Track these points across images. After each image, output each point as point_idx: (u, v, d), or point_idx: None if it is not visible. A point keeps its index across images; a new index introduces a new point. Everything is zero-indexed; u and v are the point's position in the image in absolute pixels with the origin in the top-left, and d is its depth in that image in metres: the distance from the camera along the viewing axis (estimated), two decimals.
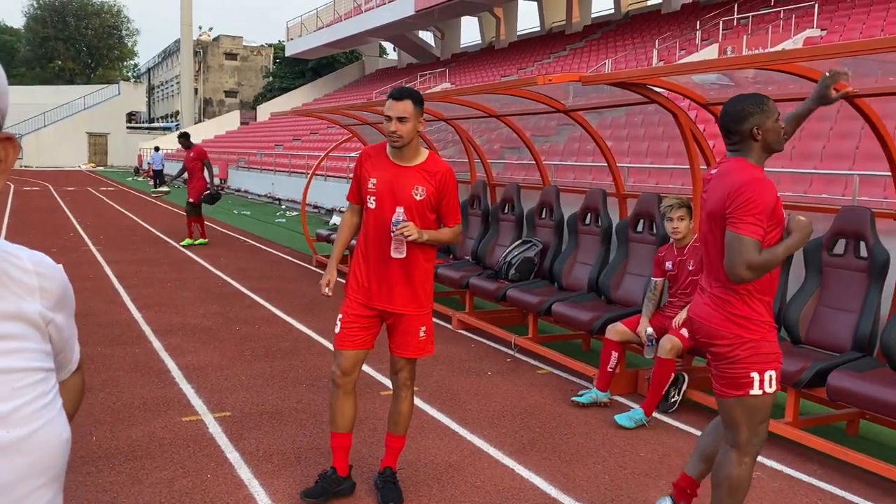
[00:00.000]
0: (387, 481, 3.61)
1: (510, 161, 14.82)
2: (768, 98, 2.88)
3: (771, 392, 2.91)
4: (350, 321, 3.50)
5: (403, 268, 3.42)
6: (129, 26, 74.03)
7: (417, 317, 3.50)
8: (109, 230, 14.98)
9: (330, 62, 48.46)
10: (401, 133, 3.31)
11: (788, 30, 17.47)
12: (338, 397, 3.56)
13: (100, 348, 6.20)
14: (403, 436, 3.67)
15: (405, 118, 3.30)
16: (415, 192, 3.37)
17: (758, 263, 2.74)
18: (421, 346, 3.53)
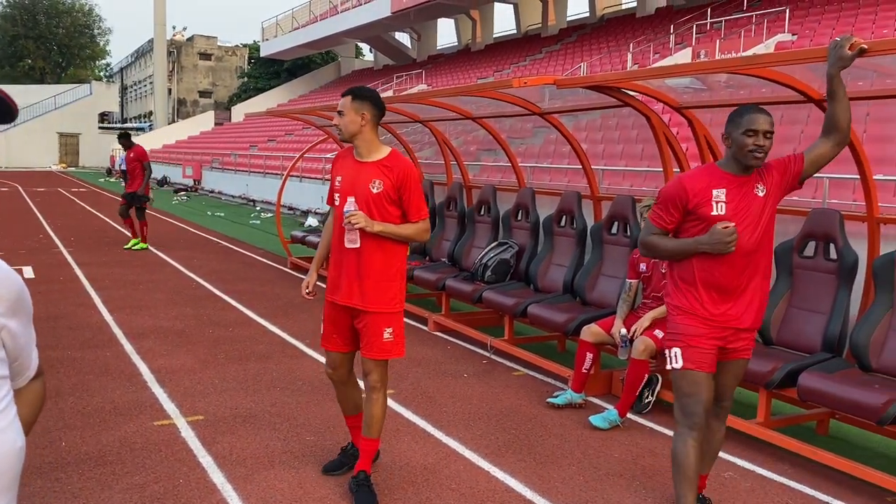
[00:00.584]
0: (360, 485, 3.60)
1: (486, 163, 14.85)
2: (748, 112, 3.14)
3: (677, 368, 3.21)
4: (327, 323, 3.70)
5: (365, 263, 3.51)
6: (101, 25, 73.09)
7: (382, 315, 3.53)
8: (81, 232, 14.77)
9: (305, 63, 48.23)
10: (339, 125, 3.55)
11: (760, 34, 17.71)
12: (337, 389, 3.86)
13: (70, 352, 6.10)
14: (376, 439, 3.66)
15: (342, 112, 3.53)
16: (372, 186, 3.49)
17: (644, 242, 3.31)
18: (385, 347, 3.55)
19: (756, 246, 3.15)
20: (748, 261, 3.15)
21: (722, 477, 4.03)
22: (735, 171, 3.16)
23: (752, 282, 3.19)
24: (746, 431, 4.52)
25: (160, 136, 48.02)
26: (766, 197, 3.15)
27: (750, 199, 3.14)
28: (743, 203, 3.13)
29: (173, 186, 31.18)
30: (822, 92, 4.66)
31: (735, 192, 3.14)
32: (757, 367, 4.43)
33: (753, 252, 3.15)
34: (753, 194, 3.14)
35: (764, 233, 3.17)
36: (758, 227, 3.15)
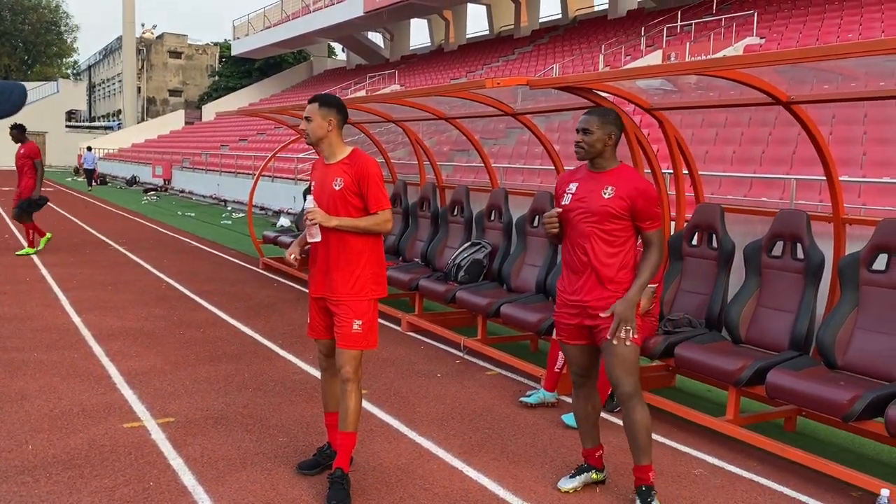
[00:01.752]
0: (334, 482, 3.61)
1: (459, 163, 14.88)
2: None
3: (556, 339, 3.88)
4: (311, 313, 3.87)
5: (332, 255, 3.68)
6: (68, 22, 71.96)
7: (350, 304, 3.66)
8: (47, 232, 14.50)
9: (277, 62, 47.91)
10: (307, 130, 3.71)
11: (729, 37, 17.96)
12: (325, 380, 3.94)
13: (36, 353, 6.00)
14: (352, 433, 3.67)
15: (310, 118, 3.70)
16: (335, 184, 3.67)
17: None
18: (353, 337, 3.65)
19: (590, 233, 3.53)
20: (585, 244, 3.56)
21: (692, 474, 4.08)
22: (589, 167, 3.66)
23: (592, 264, 3.54)
24: (716, 429, 4.58)
25: (129, 135, 47.37)
26: (610, 200, 3.52)
27: (595, 194, 3.55)
28: (585, 195, 3.58)
29: (143, 186, 30.80)
30: (789, 94, 4.74)
31: (584, 185, 3.61)
32: (726, 366, 4.49)
33: (588, 237, 3.54)
34: (599, 192, 3.54)
35: (599, 224, 3.51)
36: (593, 217, 3.52)
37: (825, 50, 3.76)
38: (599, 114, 3.58)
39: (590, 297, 3.55)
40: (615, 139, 3.59)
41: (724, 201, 6.92)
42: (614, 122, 3.59)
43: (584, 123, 3.57)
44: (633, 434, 3.60)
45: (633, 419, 3.59)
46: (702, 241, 5.41)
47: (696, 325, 5.14)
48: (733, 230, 5.38)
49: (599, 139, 3.54)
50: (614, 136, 3.58)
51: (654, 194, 3.53)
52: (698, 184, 5.83)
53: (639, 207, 3.48)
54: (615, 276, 3.54)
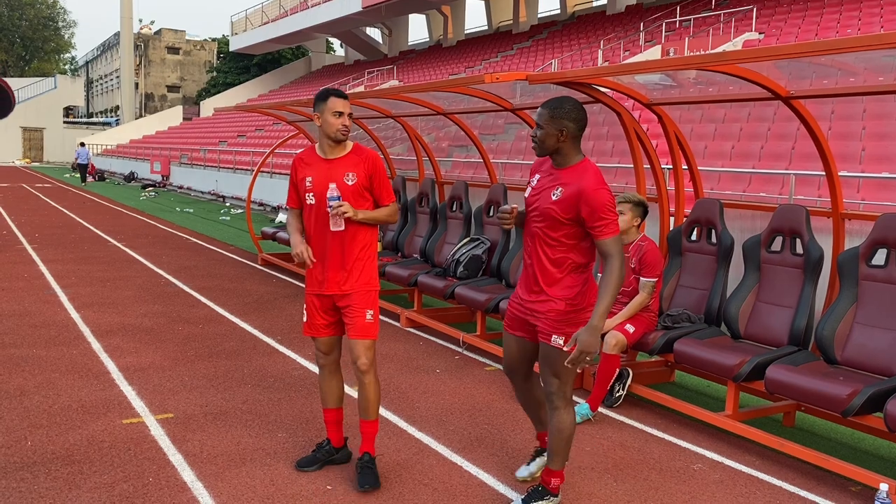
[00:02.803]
0: (365, 467, 3.74)
1: (458, 159, 14.86)
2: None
3: None
4: (311, 312, 3.83)
5: (343, 249, 3.69)
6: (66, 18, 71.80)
7: (362, 295, 3.72)
8: (45, 228, 14.50)
9: (276, 58, 47.81)
10: (350, 127, 3.68)
11: (728, 32, 17.93)
12: (323, 377, 3.91)
13: (35, 350, 5.99)
14: (375, 420, 3.81)
15: (351, 114, 3.71)
16: (346, 179, 3.67)
17: None
18: (367, 327, 3.72)
19: (535, 233, 3.36)
20: (530, 244, 3.39)
21: (691, 469, 4.08)
22: (553, 163, 3.39)
23: (539, 264, 3.35)
24: (715, 424, 4.58)
25: (127, 131, 47.28)
26: (556, 203, 3.26)
27: (546, 194, 3.32)
28: (540, 193, 3.36)
29: (141, 182, 30.77)
30: (788, 89, 4.74)
31: (543, 180, 3.39)
32: (725, 361, 4.50)
33: (533, 237, 3.37)
34: (550, 192, 3.30)
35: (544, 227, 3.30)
36: (540, 219, 3.32)
37: (825, 44, 3.75)
38: (551, 106, 3.24)
39: (529, 298, 3.40)
40: (569, 133, 3.24)
41: (723, 197, 6.93)
42: (567, 114, 3.22)
43: (536, 116, 3.32)
44: (550, 435, 3.46)
45: (552, 421, 3.43)
46: (701, 237, 5.41)
47: (695, 320, 5.14)
48: (732, 225, 5.39)
49: (550, 134, 3.25)
50: (567, 130, 3.23)
51: (601, 199, 3.15)
52: (697, 179, 5.83)
53: (583, 214, 3.17)
54: (556, 284, 3.31)
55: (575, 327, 3.28)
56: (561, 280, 3.31)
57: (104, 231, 14.24)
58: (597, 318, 3.13)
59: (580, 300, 3.31)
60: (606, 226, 3.16)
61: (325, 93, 3.70)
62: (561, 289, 3.31)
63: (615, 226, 3.18)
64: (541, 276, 3.34)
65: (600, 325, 3.14)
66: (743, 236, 5.21)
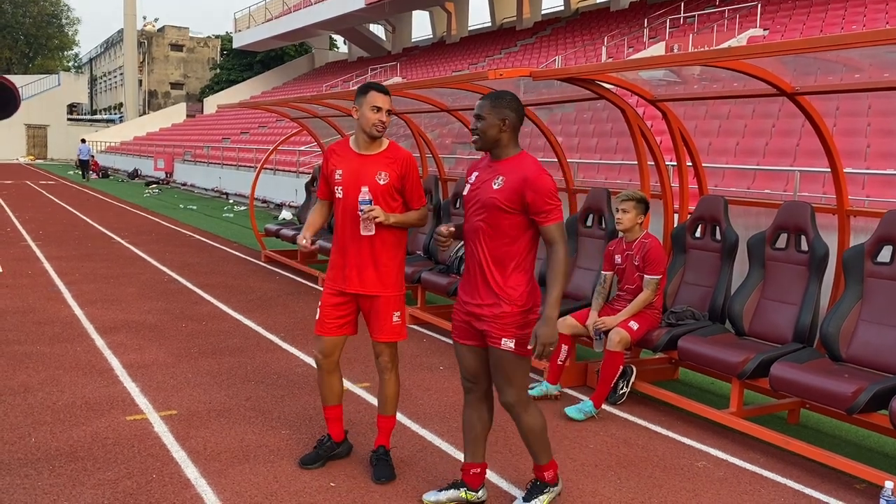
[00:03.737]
0: (380, 459, 3.80)
1: (462, 156, 14.84)
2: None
3: None
4: (327, 310, 3.78)
5: (373, 251, 3.67)
6: (70, 15, 71.90)
7: (389, 299, 3.73)
8: (49, 225, 14.53)
9: (279, 55, 47.80)
10: (386, 124, 3.63)
11: (732, 29, 17.89)
12: (322, 377, 3.89)
13: (39, 346, 6.00)
14: (393, 416, 3.87)
15: (391, 110, 3.65)
16: (378, 178, 3.63)
17: None
18: (395, 329, 3.75)
19: (478, 228, 3.24)
20: (474, 241, 3.30)
21: (695, 466, 4.07)
22: (491, 157, 3.35)
23: (480, 264, 3.25)
24: (719, 421, 4.57)
25: (131, 129, 47.34)
26: (498, 191, 3.21)
27: (487, 185, 3.27)
28: (479, 186, 3.31)
29: (145, 179, 30.80)
30: (793, 85, 4.72)
31: (482, 175, 3.33)
32: (729, 358, 4.48)
33: (476, 233, 3.28)
34: (490, 183, 3.26)
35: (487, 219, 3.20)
36: (482, 211, 3.22)
37: (830, 40, 3.74)
38: (492, 97, 3.25)
39: (474, 302, 3.29)
40: (511, 124, 3.22)
41: (728, 193, 6.91)
42: (509, 104, 3.23)
43: (476, 109, 3.27)
44: (525, 441, 3.42)
45: (520, 427, 3.37)
46: (705, 234, 5.39)
47: (700, 317, 5.13)
48: (737, 222, 5.37)
49: (492, 125, 3.21)
50: (509, 120, 3.21)
51: (546, 185, 3.12)
52: (702, 176, 5.81)
53: (528, 200, 3.12)
54: (500, 286, 3.21)
55: (523, 329, 3.21)
56: (505, 282, 3.21)
57: (108, 228, 14.26)
58: (550, 309, 3.11)
59: (526, 301, 3.22)
60: (551, 212, 3.12)
61: (366, 86, 3.66)
62: (506, 291, 3.21)
63: (559, 213, 3.15)
64: (484, 279, 3.24)
65: (554, 315, 3.13)
66: (747, 233, 5.19)
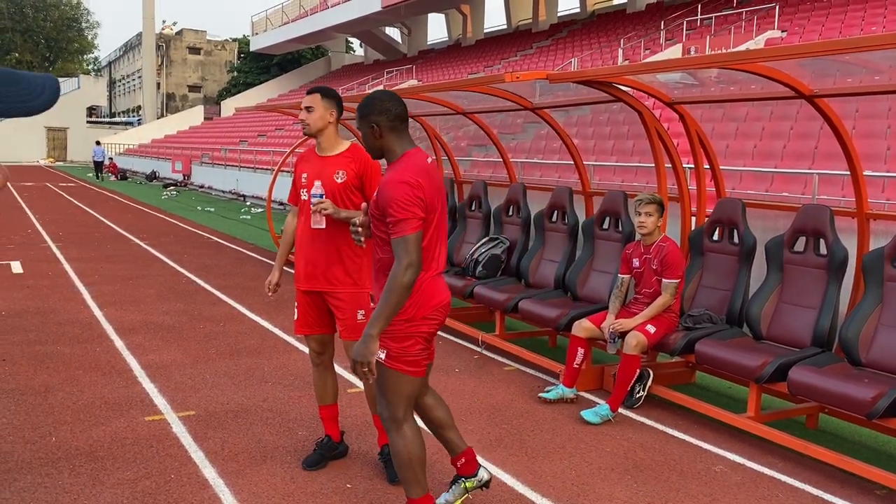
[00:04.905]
0: (388, 460, 3.81)
1: (477, 158, 14.84)
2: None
3: None
4: (301, 309, 3.88)
5: (331, 246, 3.73)
6: (89, 18, 72.41)
7: (352, 295, 3.75)
8: (69, 226, 14.68)
9: (295, 58, 48.04)
10: (307, 121, 3.74)
11: (750, 31, 17.77)
12: (317, 375, 3.95)
13: (59, 347, 6.07)
14: None
15: (311, 108, 3.73)
16: (336, 176, 3.73)
17: None
18: (359, 327, 3.70)
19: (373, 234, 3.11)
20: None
21: (712, 471, 4.05)
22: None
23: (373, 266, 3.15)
24: (737, 425, 4.54)
25: (149, 131, 47.74)
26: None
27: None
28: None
29: (162, 181, 31.05)
30: (812, 87, 4.68)
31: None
32: (747, 362, 4.46)
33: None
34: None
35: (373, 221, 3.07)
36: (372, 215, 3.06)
37: (850, 42, 3.71)
38: (358, 108, 3.09)
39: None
40: (383, 127, 3.05)
41: (745, 196, 6.86)
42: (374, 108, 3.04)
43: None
44: (394, 463, 3.20)
45: (391, 447, 3.16)
46: (723, 237, 5.36)
47: (717, 321, 5.11)
48: (754, 225, 5.33)
49: (366, 135, 3.11)
50: (378, 124, 3.04)
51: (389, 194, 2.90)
52: (719, 179, 5.78)
53: (380, 207, 2.97)
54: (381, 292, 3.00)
55: (399, 342, 3.00)
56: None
57: (126, 230, 14.39)
58: (370, 327, 2.87)
59: (405, 311, 2.97)
60: (394, 224, 2.88)
61: None
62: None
63: (405, 226, 2.86)
64: (374, 284, 3.13)
65: (373, 334, 2.86)
66: (765, 236, 5.16)
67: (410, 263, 2.85)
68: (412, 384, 3.09)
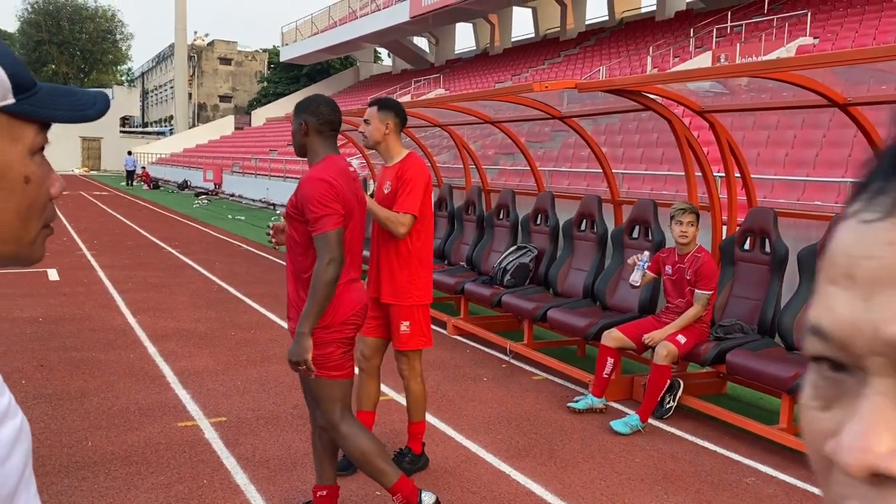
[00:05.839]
0: (398, 454, 4.00)
1: (504, 167, 14.86)
2: None
3: None
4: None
5: (384, 257, 3.86)
6: (123, 30, 73.85)
7: (398, 308, 3.87)
8: (103, 235, 14.95)
9: (325, 68, 48.49)
10: (365, 133, 3.84)
11: (781, 38, 17.58)
12: (362, 379, 4.01)
13: (94, 353, 6.18)
14: (418, 421, 4.01)
15: (368, 120, 3.82)
16: (385, 187, 3.87)
17: None
18: (402, 339, 3.88)
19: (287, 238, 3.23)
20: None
21: (744, 482, 4.01)
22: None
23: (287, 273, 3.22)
24: (769, 437, 4.49)
25: (181, 140, 48.46)
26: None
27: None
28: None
29: (194, 190, 31.48)
30: (845, 95, 4.64)
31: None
32: (780, 373, 4.41)
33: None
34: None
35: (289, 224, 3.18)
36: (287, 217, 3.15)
37: (885, 50, 3.67)
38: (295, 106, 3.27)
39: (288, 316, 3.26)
40: (310, 126, 3.10)
41: (777, 205, 6.80)
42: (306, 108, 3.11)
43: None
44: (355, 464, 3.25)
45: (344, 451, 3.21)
46: (754, 246, 5.31)
47: (748, 331, 5.05)
48: (786, 234, 5.28)
49: (295, 132, 3.15)
50: (306, 123, 3.10)
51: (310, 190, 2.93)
52: (751, 187, 5.73)
53: (299, 205, 3.01)
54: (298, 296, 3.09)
55: (319, 349, 2.97)
56: (299, 296, 3.09)
57: (159, 238, 14.61)
58: (300, 325, 2.91)
59: (323, 319, 2.97)
60: (314, 221, 2.91)
61: None
62: (301, 305, 3.05)
63: (325, 222, 2.91)
64: (288, 291, 3.15)
65: (304, 332, 2.90)
66: (797, 245, 5.10)
67: (333, 259, 2.89)
68: (341, 387, 3.14)
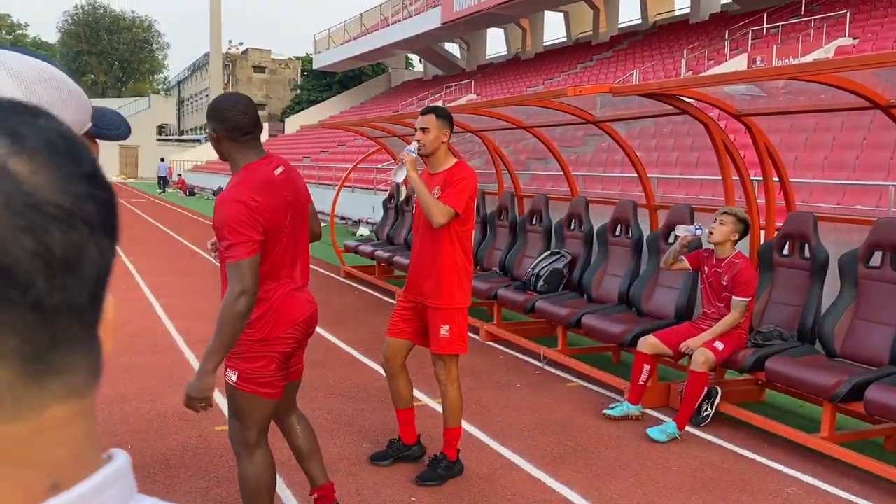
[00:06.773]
0: (431, 461, 3.99)
1: (537, 172, 14.81)
2: None
3: None
4: (396, 312, 4.08)
5: (428, 258, 3.85)
6: (160, 40, 75.29)
7: (439, 311, 3.84)
8: (141, 241, 15.20)
9: (357, 75, 48.82)
10: (423, 141, 3.82)
11: (819, 39, 17.28)
12: (389, 380, 4.08)
13: (134, 358, 6.29)
14: (453, 427, 3.97)
15: (427, 129, 3.81)
16: (434, 193, 3.82)
17: None
18: (442, 342, 3.84)
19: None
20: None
21: (784, 492, 3.93)
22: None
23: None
24: (810, 446, 4.40)
25: None
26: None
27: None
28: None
29: None
30: (887, 96, 4.54)
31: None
32: (821, 380, 4.32)
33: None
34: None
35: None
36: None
37: None
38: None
39: None
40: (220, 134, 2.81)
41: (816, 209, 6.67)
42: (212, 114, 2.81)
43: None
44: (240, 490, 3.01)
45: (239, 472, 2.98)
46: (793, 251, 5.22)
47: (788, 337, 4.97)
48: (826, 239, 5.18)
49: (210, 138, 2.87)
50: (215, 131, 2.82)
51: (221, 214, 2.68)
52: (789, 191, 5.64)
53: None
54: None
55: (250, 363, 2.85)
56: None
57: (195, 244, 14.82)
58: (206, 361, 2.70)
59: (256, 331, 2.82)
60: (227, 248, 2.65)
61: None
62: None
63: (237, 250, 2.63)
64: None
65: (208, 369, 2.68)
66: (838, 250, 5.00)
67: (244, 291, 2.62)
68: (266, 407, 2.92)
